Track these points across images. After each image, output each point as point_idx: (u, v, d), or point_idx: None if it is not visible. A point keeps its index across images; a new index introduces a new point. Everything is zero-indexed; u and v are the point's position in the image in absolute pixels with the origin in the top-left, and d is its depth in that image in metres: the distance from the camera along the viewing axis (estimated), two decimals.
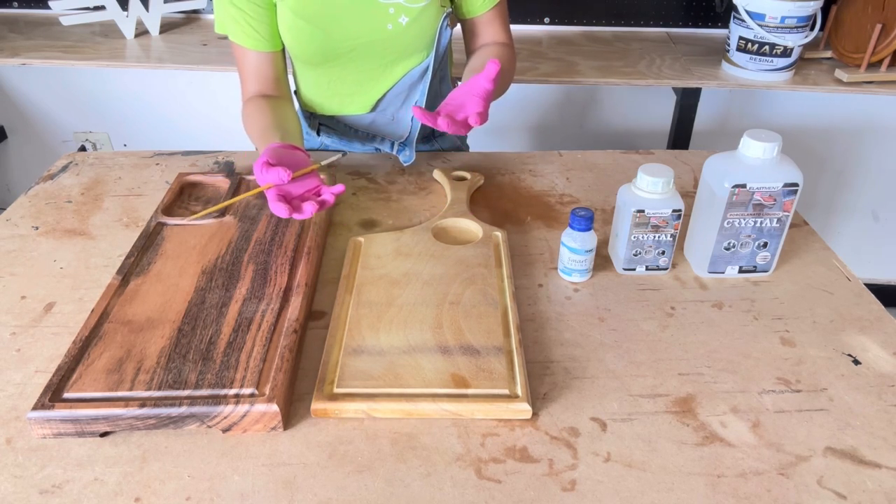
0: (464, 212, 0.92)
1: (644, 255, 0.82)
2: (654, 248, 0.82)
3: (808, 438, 0.62)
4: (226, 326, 0.70)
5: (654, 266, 0.83)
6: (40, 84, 1.98)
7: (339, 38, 1.00)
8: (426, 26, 1.01)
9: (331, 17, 0.98)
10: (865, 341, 0.74)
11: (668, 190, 0.79)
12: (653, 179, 0.78)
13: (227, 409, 0.61)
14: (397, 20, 0.99)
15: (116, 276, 0.77)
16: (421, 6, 0.99)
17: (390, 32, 1.00)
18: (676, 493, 0.57)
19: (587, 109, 1.95)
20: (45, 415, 0.60)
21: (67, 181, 1.05)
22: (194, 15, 1.84)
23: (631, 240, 0.81)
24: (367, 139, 1.13)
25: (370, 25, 0.99)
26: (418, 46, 1.03)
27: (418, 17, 0.99)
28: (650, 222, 0.79)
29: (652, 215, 0.79)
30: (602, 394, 0.67)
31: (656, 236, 0.81)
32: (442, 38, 1.03)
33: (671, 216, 0.79)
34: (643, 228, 0.80)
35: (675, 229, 0.80)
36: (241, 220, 0.88)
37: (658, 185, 0.78)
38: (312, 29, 0.98)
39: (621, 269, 0.84)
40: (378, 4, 0.98)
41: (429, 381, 0.65)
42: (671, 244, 0.82)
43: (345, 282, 0.79)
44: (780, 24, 1.43)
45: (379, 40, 1.01)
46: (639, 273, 0.84)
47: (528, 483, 0.58)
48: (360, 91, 1.08)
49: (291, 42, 1.01)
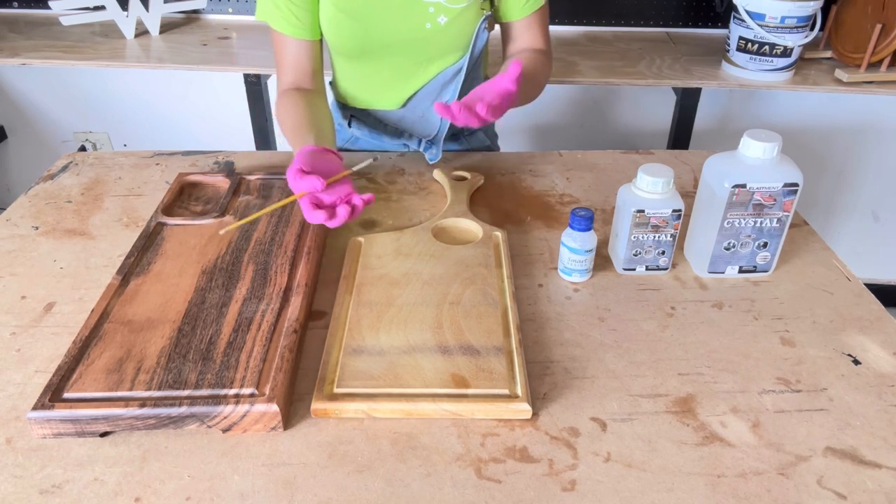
0: (464, 212, 0.92)
1: (644, 255, 0.82)
2: (654, 248, 0.82)
3: (808, 438, 0.62)
4: (226, 326, 0.70)
5: (654, 266, 0.83)
6: (40, 84, 1.98)
7: (377, 34, 1.01)
8: (464, 27, 1.01)
9: (371, 13, 0.99)
10: (865, 341, 0.74)
11: (668, 190, 0.79)
12: (653, 179, 0.78)
13: (227, 409, 0.61)
14: (436, 20, 1.00)
15: (116, 276, 0.77)
16: (461, 7, 0.99)
17: (428, 31, 1.00)
18: (676, 493, 0.57)
19: (587, 109, 1.95)
20: (45, 415, 0.60)
21: (67, 181, 1.05)
22: (194, 15, 1.84)
23: (631, 240, 0.81)
24: (396, 135, 1.14)
25: (409, 23, 1.00)
26: (454, 47, 1.04)
27: (457, 17, 1.00)
28: (650, 222, 0.79)
29: (652, 215, 0.79)
30: (602, 394, 0.67)
31: (656, 236, 0.80)
32: (478, 41, 1.03)
33: (671, 216, 0.79)
34: (643, 228, 0.80)
35: (675, 229, 0.80)
36: (241, 219, 0.88)
37: (658, 185, 0.78)
38: (352, 23, 1.00)
39: (621, 270, 0.84)
40: (419, 3, 0.98)
41: (429, 381, 0.65)
42: (671, 244, 0.82)
43: (345, 282, 0.79)
44: (780, 24, 1.43)
45: (416, 38, 1.01)
46: (639, 273, 0.84)
47: (528, 483, 0.58)
48: (392, 86, 1.09)
49: (330, 34, 1.02)
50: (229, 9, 1.84)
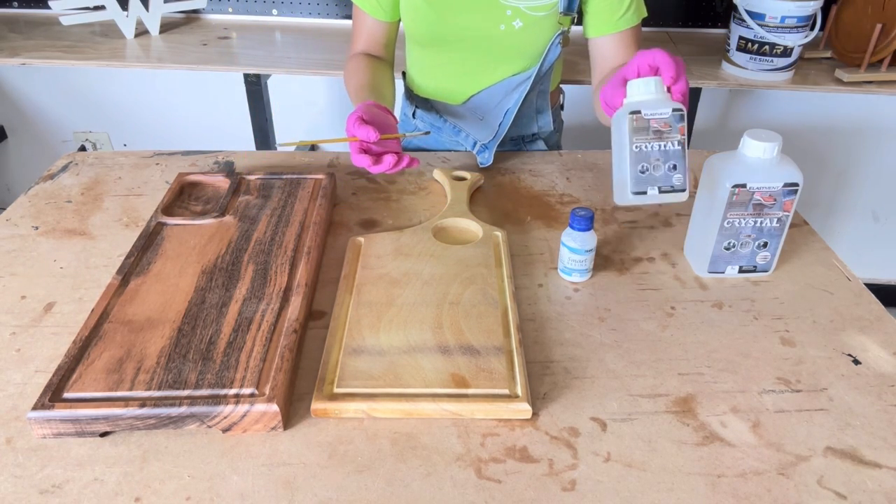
0: (464, 212, 0.92)
1: (653, 171, 0.71)
2: (661, 161, 0.71)
3: (808, 438, 0.62)
4: (226, 326, 0.70)
5: (668, 187, 0.71)
6: (40, 84, 1.98)
7: (451, 26, 1.02)
8: (538, 36, 1.01)
9: (449, 5, 1.01)
10: (865, 341, 0.74)
11: (661, 92, 0.72)
12: (644, 81, 0.71)
13: (227, 409, 0.61)
14: (511, 23, 1.00)
15: (116, 276, 0.77)
16: (539, 15, 0.99)
17: (502, 33, 1.01)
18: (676, 493, 0.57)
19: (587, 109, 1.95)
20: (45, 415, 0.60)
21: (67, 181, 1.05)
22: (194, 15, 1.85)
23: (633, 151, 0.70)
24: (455, 132, 1.15)
25: (484, 21, 1.01)
26: (525, 54, 1.04)
27: (533, 25, 1.00)
28: (650, 126, 0.70)
29: (651, 117, 0.70)
30: (602, 394, 0.67)
31: (662, 145, 0.70)
32: (550, 53, 1.03)
33: (673, 117, 0.70)
34: (644, 135, 0.70)
35: (681, 134, 0.70)
36: (241, 219, 0.88)
37: (651, 84, 0.71)
38: (429, 11, 1.01)
39: (630, 196, 0.72)
40: (497, 3, 0.99)
41: (429, 381, 0.65)
42: (681, 154, 0.71)
43: (345, 282, 0.79)
44: (780, 23, 1.43)
45: (489, 37, 1.02)
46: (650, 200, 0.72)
47: (528, 483, 0.58)
48: (458, 81, 1.11)
49: (407, 18, 1.05)
50: (229, 9, 1.84)
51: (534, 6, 0.99)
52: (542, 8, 0.99)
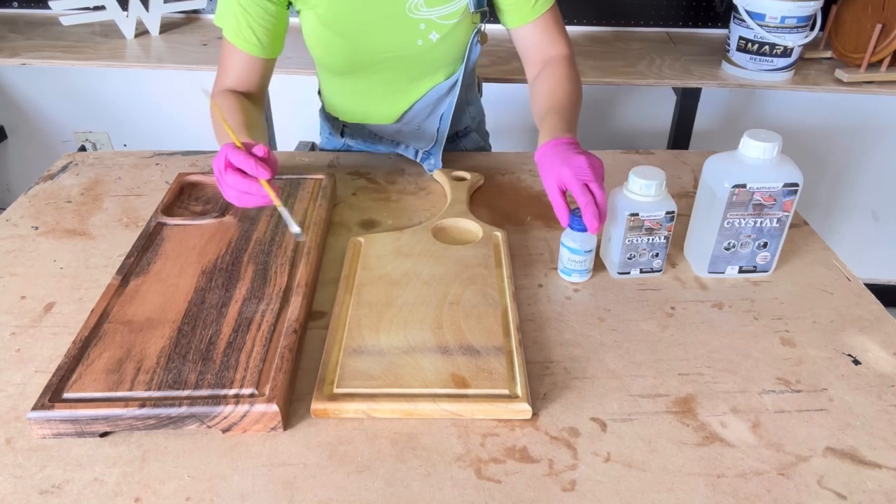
0: (464, 212, 0.92)
1: (638, 258, 0.82)
2: (647, 250, 0.81)
3: (808, 438, 0.62)
4: (226, 326, 0.70)
5: (648, 269, 0.83)
6: (40, 84, 1.98)
7: (366, 52, 0.99)
8: (456, 43, 1.00)
9: (360, 31, 0.97)
10: (865, 341, 0.74)
11: (661, 192, 0.79)
12: (646, 182, 0.77)
13: (226, 409, 0.61)
14: (427, 36, 0.98)
15: (116, 276, 0.77)
16: (453, 23, 0.97)
17: (420, 48, 0.98)
18: (676, 493, 0.57)
19: (587, 109, 1.95)
20: (45, 415, 0.60)
21: (67, 181, 1.05)
22: (194, 15, 1.84)
23: (626, 244, 0.80)
24: (393, 144, 1.12)
25: (400, 41, 0.98)
26: (447, 62, 1.02)
27: (449, 33, 0.98)
28: (644, 225, 0.79)
29: (646, 218, 0.78)
30: (602, 394, 0.67)
31: (650, 239, 0.80)
32: (472, 55, 1.01)
33: (665, 218, 0.79)
34: (637, 232, 0.79)
35: (668, 231, 0.80)
36: (240, 220, 0.88)
37: (651, 187, 0.77)
38: (340, 40, 0.97)
39: (615, 274, 0.83)
40: (409, 20, 0.96)
41: (429, 382, 0.65)
42: (664, 245, 0.81)
43: (345, 282, 0.79)
44: (780, 24, 1.43)
45: (408, 55, 0.99)
46: (633, 277, 0.83)
47: (528, 483, 0.58)
48: (385, 102, 1.08)
49: (317, 50, 1.00)
50: None
51: (445, 14, 0.96)
52: (453, 14, 0.96)
